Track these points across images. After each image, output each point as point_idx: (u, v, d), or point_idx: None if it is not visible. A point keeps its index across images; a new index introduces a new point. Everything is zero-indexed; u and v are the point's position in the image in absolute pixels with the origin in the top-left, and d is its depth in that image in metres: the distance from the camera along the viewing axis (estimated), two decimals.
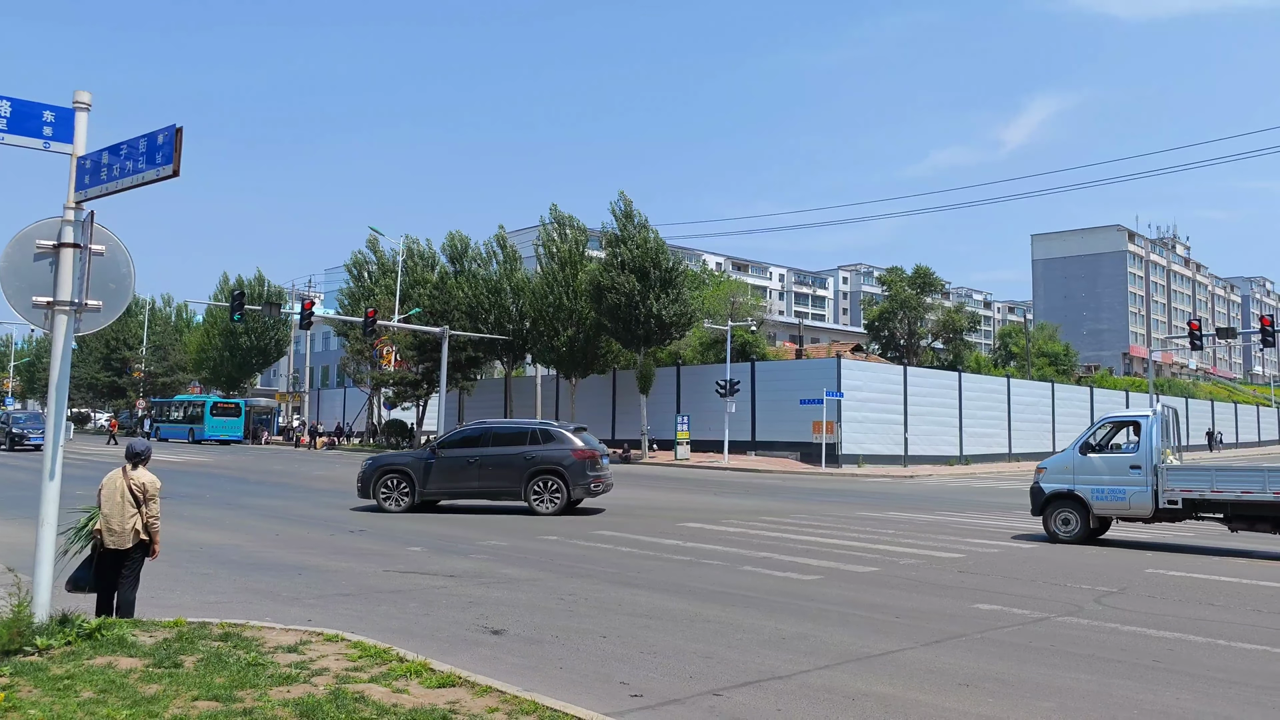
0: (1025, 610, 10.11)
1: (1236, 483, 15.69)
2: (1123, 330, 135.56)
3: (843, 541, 16.19)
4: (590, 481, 19.72)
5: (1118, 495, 16.39)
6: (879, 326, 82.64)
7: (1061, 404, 61.51)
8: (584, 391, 56.09)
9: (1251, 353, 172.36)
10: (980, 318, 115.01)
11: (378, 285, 60.03)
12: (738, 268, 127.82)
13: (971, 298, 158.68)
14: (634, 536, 16.23)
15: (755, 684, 7.02)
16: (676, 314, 48.08)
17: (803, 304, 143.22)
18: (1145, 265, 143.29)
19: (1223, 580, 12.59)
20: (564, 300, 51.27)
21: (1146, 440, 16.42)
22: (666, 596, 10.62)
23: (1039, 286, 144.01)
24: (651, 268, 47.39)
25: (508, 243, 58.05)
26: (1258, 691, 7.05)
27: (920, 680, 7.20)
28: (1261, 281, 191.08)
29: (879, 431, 47.47)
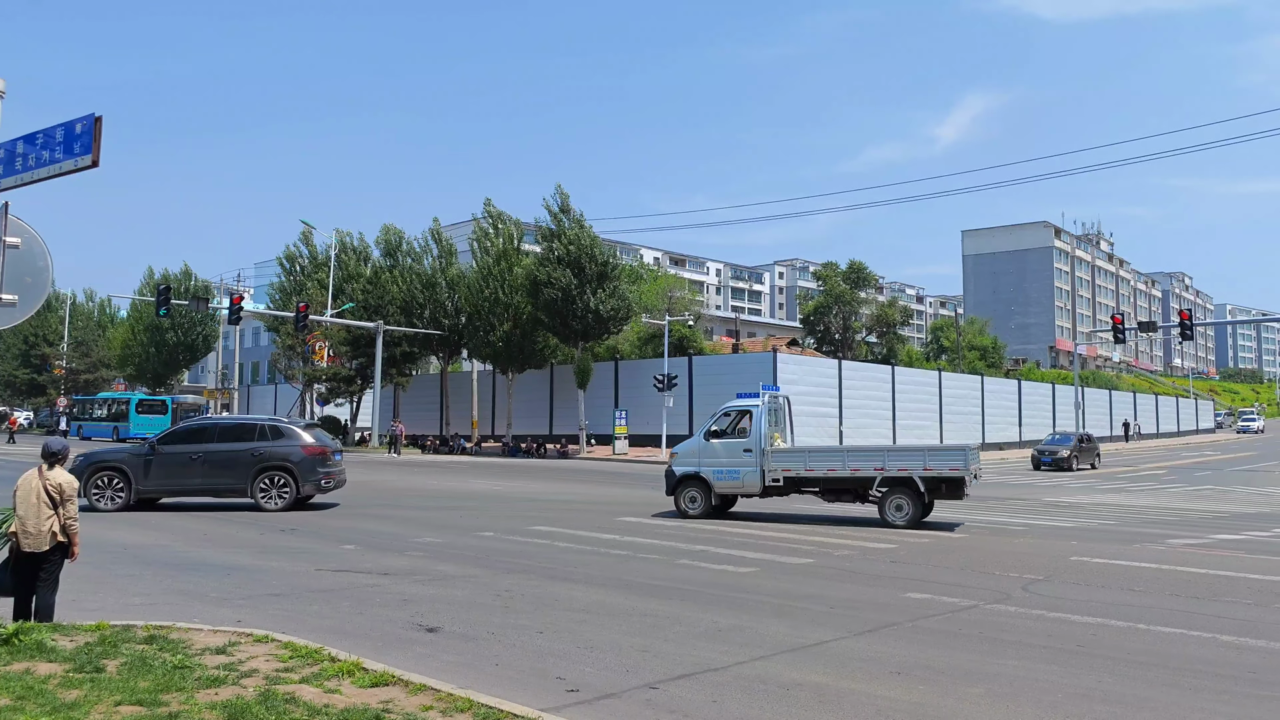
0: (955, 598, 10.31)
1: (824, 461, 18.37)
2: (1049, 324, 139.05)
3: (778, 533, 16.35)
4: (321, 478, 19.51)
5: (734, 475, 18.59)
6: (815, 321, 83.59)
7: (991, 396, 62.86)
8: (521, 386, 55.82)
9: (1171, 346, 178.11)
10: (913, 312, 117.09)
11: (310, 280, 58.95)
12: (675, 262, 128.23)
13: (905, 292, 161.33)
14: (571, 531, 16.20)
15: (691, 676, 7.05)
16: (613, 308, 48.10)
17: (740, 299, 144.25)
18: (1071, 261, 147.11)
19: (1143, 567, 12.98)
20: (500, 295, 50.95)
21: (757, 426, 18.63)
22: (603, 591, 10.61)
23: (969, 281, 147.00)
24: (587, 262, 47.32)
25: (443, 236, 57.49)
26: (1174, 673, 7.28)
27: (853, 669, 7.30)
28: (1181, 277, 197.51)
29: (814, 425, 48.00)
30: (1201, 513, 22.61)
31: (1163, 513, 22.39)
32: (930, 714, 6.19)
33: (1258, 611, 9.86)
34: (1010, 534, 16.91)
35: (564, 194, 49.53)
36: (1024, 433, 64.51)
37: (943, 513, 20.27)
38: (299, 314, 45.39)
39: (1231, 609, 9.97)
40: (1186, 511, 22.86)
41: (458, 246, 58.64)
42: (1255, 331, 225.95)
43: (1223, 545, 15.78)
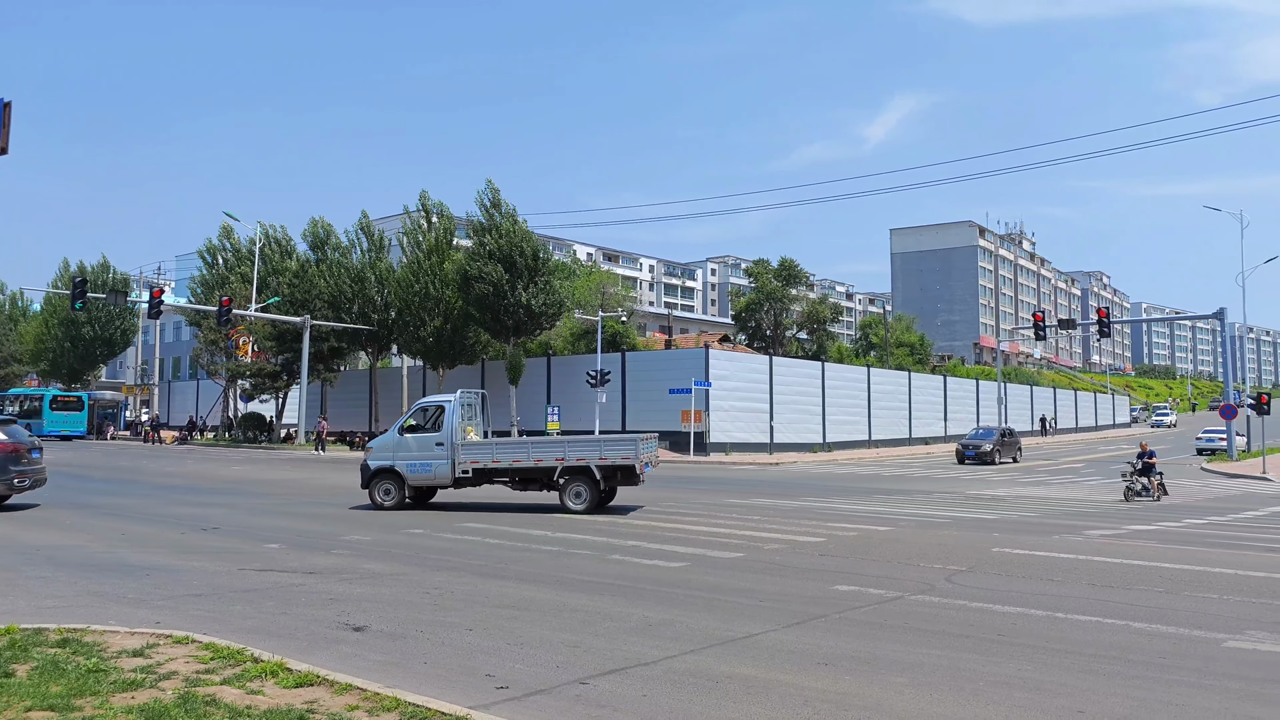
0: (881, 590, 10.49)
1: (510, 453, 19.34)
2: (974, 321, 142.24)
3: (709, 528, 16.46)
4: (13, 477, 18.45)
5: (425, 468, 19.33)
6: (746, 317, 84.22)
7: (918, 392, 64.09)
8: (452, 382, 55.23)
9: (1090, 343, 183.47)
10: (843, 309, 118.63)
11: (233, 273, 57.59)
12: (608, 258, 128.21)
13: (835, 289, 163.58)
14: (502, 528, 16.10)
15: (622, 671, 7.06)
16: (545, 304, 47.92)
17: (672, 295, 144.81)
18: (994, 260, 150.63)
19: (1062, 557, 13.35)
20: (431, 289, 50.39)
21: (449, 421, 19.42)
22: (534, 587, 10.57)
23: (897, 279, 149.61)
24: (519, 257, 47.07)
25: (373, 230, 56.63)
26: (1090, 660, 7.50)
27: (782, 661, 7.38)
28: (1099, 276, 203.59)
29: (746, 420, 48.45)
30: (1117, 504, 23.36)
31: (1081, 504, 23.08)
32: (855, 704, 6.29)
33: (1168, 599, 10.21)
34: (935, 526, 17.26)
35: (495, 189, 49.18)
36: (949, 427, 65.92)
37: (877, 505, 20.60)
38: (222, 308, 44.36)
39: (1144, 597, 10.31)
40: (1103, 503, 23.60)
41: (388, 240, 57.80)
42: (1169, 329, 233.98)
43: (1136, 536, 16.32)
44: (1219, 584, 11.17)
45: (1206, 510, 21.99)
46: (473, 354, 53.60)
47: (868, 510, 20.27)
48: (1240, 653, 7.80)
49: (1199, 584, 11.16)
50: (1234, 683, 6.85)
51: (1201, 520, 19.48)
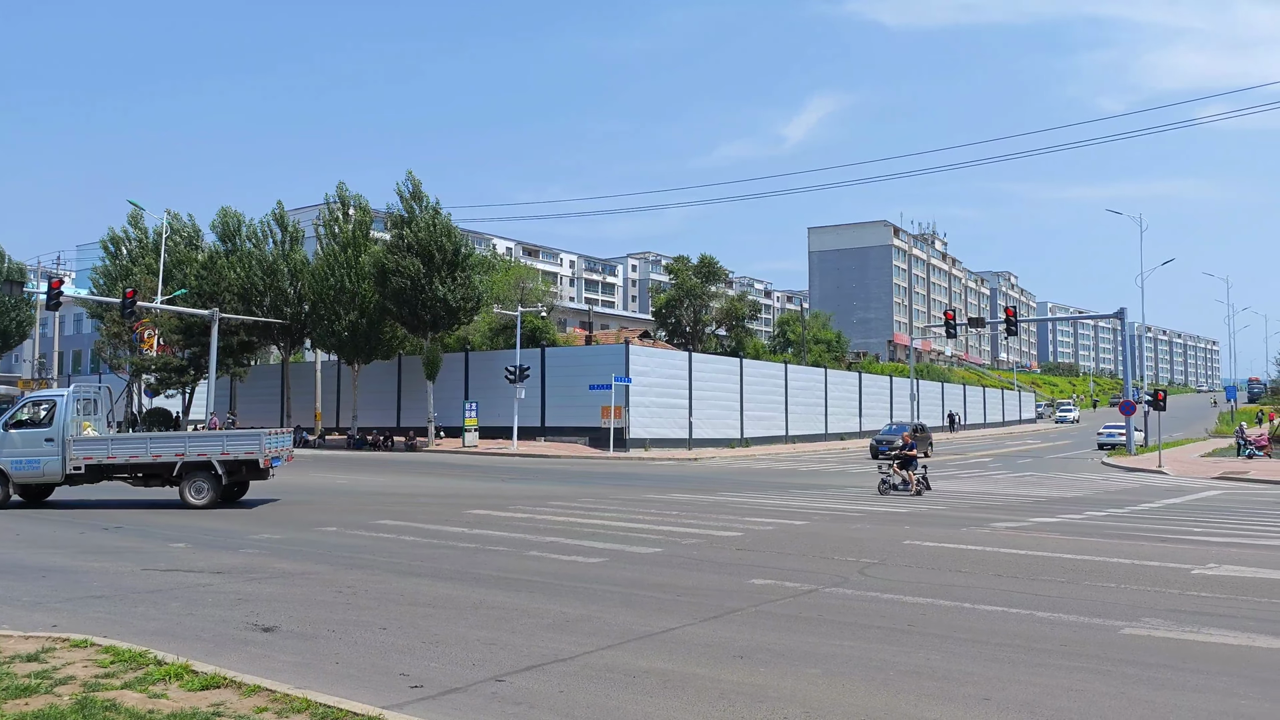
0: (796, 583, 10.64)
1: (126, 449, 18.86)
2: (888, 319, 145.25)
3: (628, 524, 16.49)
4: None
5: (34, 465, 18.63)
6: (666, 314, 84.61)
7: (834, 388, 65.19)
8: (367, 378, 54.36)
9: (998, 341, 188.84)
10: (761, 306, 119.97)
11: (138, 264, 55.59)
12: (528, 253, 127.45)
13: (753, 287, 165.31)
14: (418, 525, 15.89)
15: (538, 668, 7.02)
16: (464, 298, 47.40)
17: (593, 290, 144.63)
18: (908, 259, 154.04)
19: (969, 549, 13.72)
20: (346, 283, 49.45)
21: (60, 417, 18.78)
22: (450, 585, 10.45)
23: (814, 277, 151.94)
24: (438, 251, 46.46)
25: (288, 221, 55.27)
26: (996, 648, 7.72)
27: (699, 655, 7.43)
28: (1007, 276, 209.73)
29: (665, 416, 48.67)
30: (1022, 498, 24.10)
31: (989, 498, 23.75)
32: (770, 695, 6.36)
33: (1069, 589, 10.57)
34: (849, 520, 17.57)
35: (416, 180, 48.40)
36: (864, 423, 67.23)
37: (793, 500, 20.86)
38: (125, 300, 42.79)
39: (1046, 587, 10.65)
40: (1009, 497, 24.32)
41: (304, 232, 56.52)
42: (1073, 328, 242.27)
43: (1040, 528, 16.86)
44: (1117, 573, 11.60)
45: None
46: (389, 349, 52.77)
47: (784, 505, 20.55)
48: (1136, 639, 8.11)
49: (1098, 574, 11.57)
50: (1130, 668, 7.12)
51: (1101, 512, 20.22)
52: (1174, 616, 8.98)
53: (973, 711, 6.05)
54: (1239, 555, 13.40)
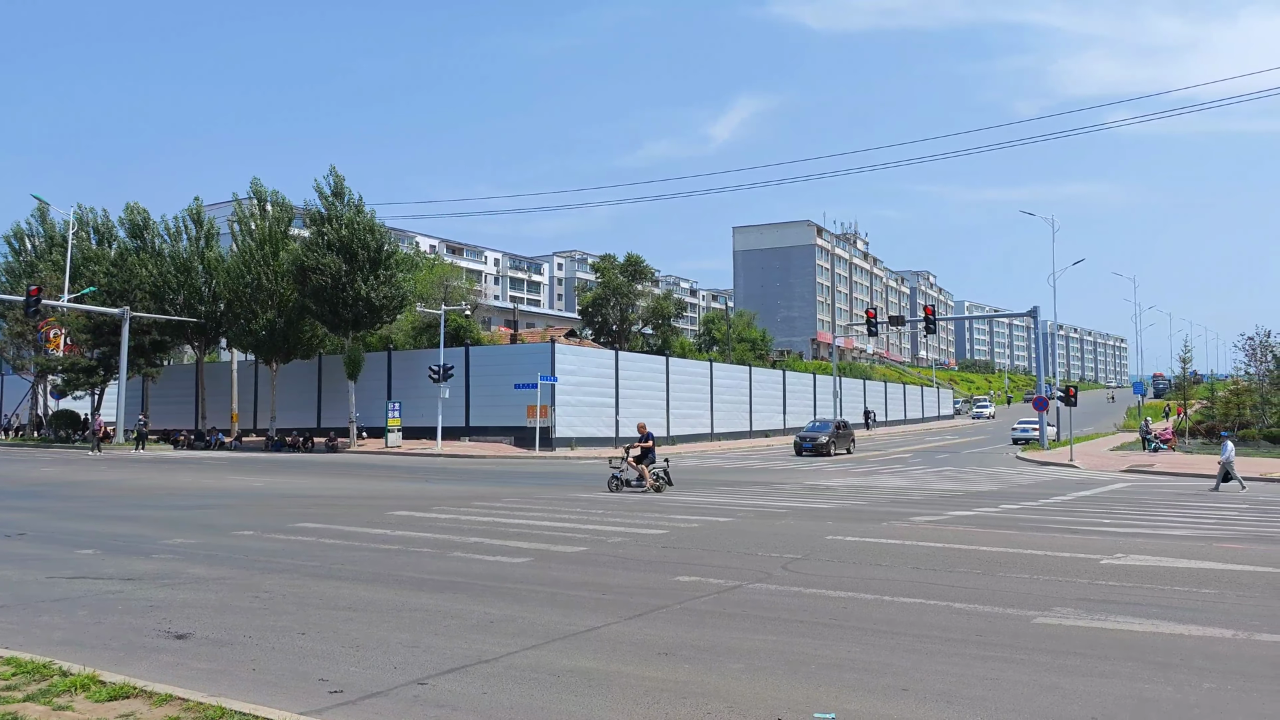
0: (721, 580, 10.72)
1: None
2: (811, 318, 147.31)
3: (554, 523, 16.43)
4: None
5: None
6: (592, 312, 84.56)
7: (758, 386, 65.89)
8: (286, 378, 53.25)
9: (918, 339, 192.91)
10: (687, 305, 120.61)
11: (43, 260, 53.64)
12: (452, 251, 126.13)
13: (679, 285, 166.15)
14: (338, 528, 15.60)
15: (462, 670, 6.95)
16: (387, 297, 46.74)
17: (519, 289, 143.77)
18: (831, 258, 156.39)
19: (890, 543, 13.99)
20: (264, 281, 48.36)
21: None
22: (372, 588, 10.28)
23: (739, 276, 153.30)
24: (360, 249, 45.74)
25: (203, 217, 53.82)
26: (915, 640, 7.88)
27: (624, 653, 7.43)
28: (926, 275, 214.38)
29: (592, 415, 48.64)
30: (941, 492, 24.67)
31: (908, 493, 24.25)
32: (694, 691, 6.39)
33: (985, 580, 10.84)
34: (774, 516, 17.78)
35: (338, 176, 47.58)
36: (788, 420, 68.10)
37: (718, 497, 21.03)
38: (30, 298, 41.25)
39: (963, 579, 10.91)
40: (929, 491, 24.87)
41: (220, 229, 55.10)
42: (989, 326, 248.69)
43: (957, 521, 17.27)
44: (1030, 564, 11.94)
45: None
46: (309, 348, 51.77)
47: (709, 502, 20.69)
48: (1047, 628, 8.35)
49: (1012, 565, 11.90)
50: (1042, 656, 7.33)
51: (1016, 505, 20.79)
52: (1083, 605, 9.28)
53: (892, 702, 6.16)
54: (1144, 545, 13.90)
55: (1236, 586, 10.42)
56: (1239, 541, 14.44)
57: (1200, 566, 11.78)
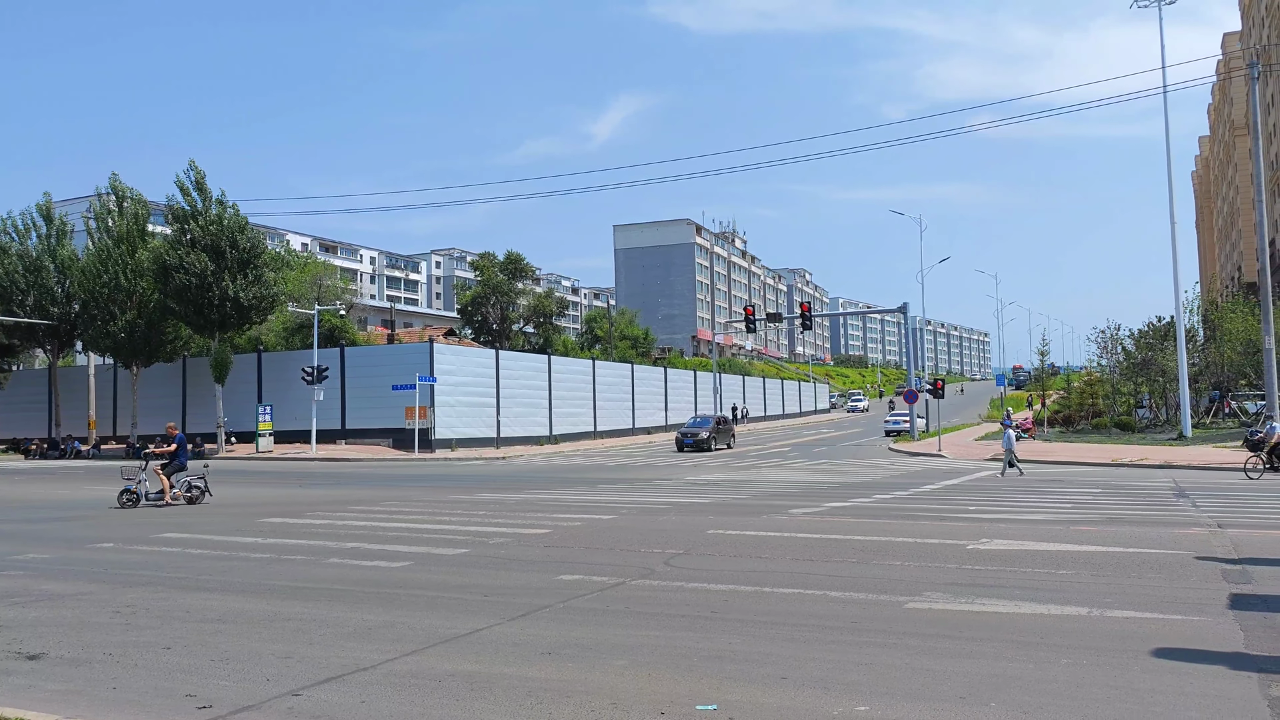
0: (604, 577, 10.73)
1: None
2: (692, 315, 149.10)
3: (434, 525, 16.17)
4: None
5: None
6: (472, 311, 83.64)
7: (640, 383, 66.29)
8: (148, 381, 50.88)
9: (795, 335, 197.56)
10: (569, 303, 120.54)
11: None
12: (326, 249, 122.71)
13: (561, 284, 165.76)
14: (205, 537, 14.98)
15: (339, 679, 6.76)
16: (256, 296, 45.14)
17: (396, 288, 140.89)
18: (710, 256, 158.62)
19: (769, 535, 14.27)
20: (122, 280, 46.06)
21: None
22: (242, 598, 9.90)
23: (620, 274, 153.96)
24: (228, 247, 44.02)
25: (54, 214, 50.88)
26: (794, 629, 8.06)
27: (506, 654, 7.36)
28: (803, 273, 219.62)
29: (472, 415, 48.07)
30: (818, 484, 25.31)
31: (787, 486, 24.80)
32: (578, 690, 6.38)
33: (859, 568, 11.17)
34: (656, 513, 17.91)
35: (199, 171, 45.63)
36: (670, 416, 68.74)
37: (601, 495, 21.05)
38: None
39: (839, 568, 11.22)
40: (806, 484, 25.48)
41: (74, 226, 52.20)
42: (862, 322, 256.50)
43: (834, 512, 17.75)
44: (901, 552, 12.36)
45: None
46: (172, 350, 49.56)
47: (593, 500, 20.71)
48: (918, 612, 8.66)
49: (885, 553, 12.29)
50: (913, 640, 7.59)
51: (888, 495, 21.50)
52: (952, 590, 9.65)
53: (772, 691, 6.28)
54: (1006, 530, 14.56)
55: (1090, 567, 11.01)
56: (1093, 524, 15.27)
57: (1058, 549, 12.41)
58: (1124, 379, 58.18)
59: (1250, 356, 48.94)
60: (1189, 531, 14.16)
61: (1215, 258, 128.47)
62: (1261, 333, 31.15)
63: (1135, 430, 49.22)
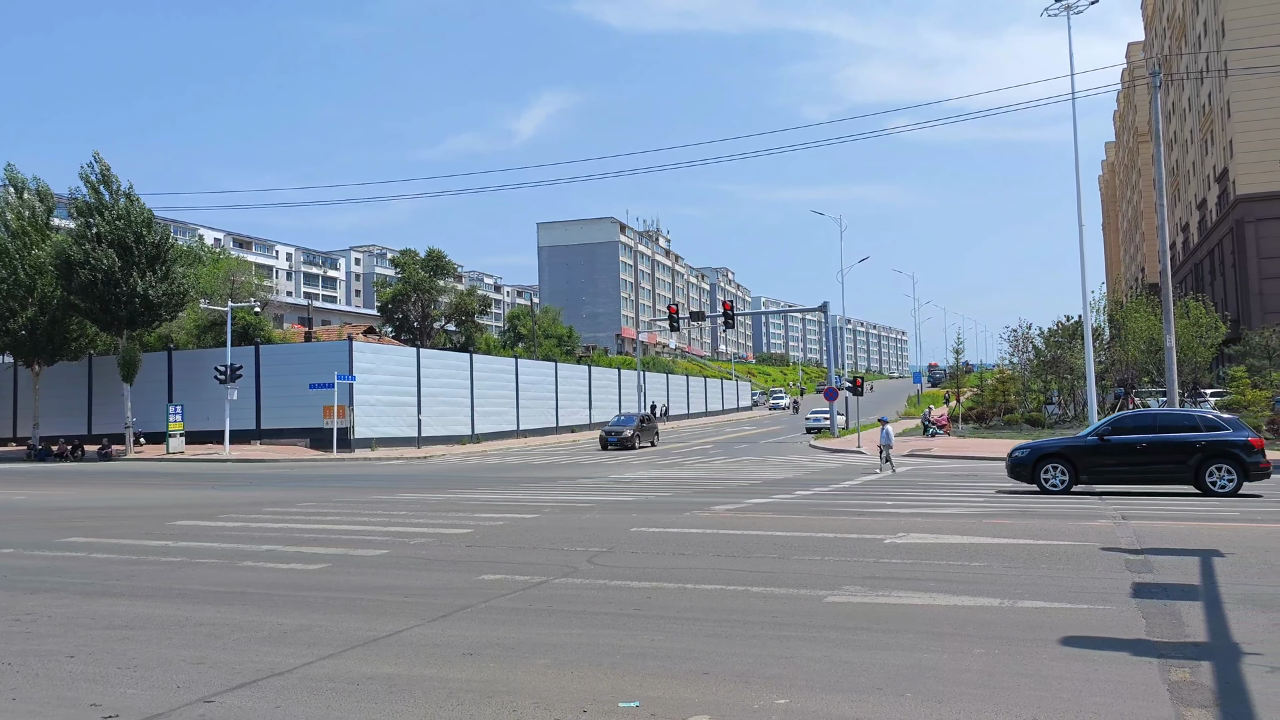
0: (526, 576, 10.67)
1: None
2: (616, 313, 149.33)
3: (353, 526, 15.90)
4: None
5: None
6: (393, 309, 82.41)
7: (565, 382, 66.12)
8: (52, 380, 49.03)
9: (717, 333, 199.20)
10: (491, 301, 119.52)
11: None
12: (240, 245, 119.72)
13: (484, 281, 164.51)
14: (113, 541, 14.48)
15: (253, 684, 6.59)
16: (166, 293, 43.81)
17: (313, 285, 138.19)
18: (634, 255, 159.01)
19: (692, 532, 14.35)
20: (21, 275, 44.26)
21: None
22: (152, 603, 9.59)
23: (544, 272, 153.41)
24: (135, 242, 42.59)
25: None
26: (715, 625, 8.12)
27: (427, 656, 7.27)
28: (725, 272, 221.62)
29: (393, 414, 47.39)
30: (741, 481, 25.56)
31: (710, 482, 24.98)
32: (499, 690, 6.33)
33: (780, 564, 11.30)
34: (579, 511, 17.88)
35: (104, 163, 44.07)
36: (594, 415, 68.72)
37: (525, 494, 20.92)
38: None
39: (760, 564, 11.34)
40: (729, 480, 25.71)
41: None
42: (784, 320, 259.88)
43: (756, 509, 17.94)
44: (821, 547, 12.55)
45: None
46: (77, 348, 47.80)
47: (516, 499, 20.58)
48: (837, 606, 8.80)
49: (805, 548, 12.46)
50: (832, 633, 7.71)
51: (809, 491, 21.81)
52: (869, 583, 9.83)
53: (693, 686, 6.31)
54: (923, 524, 14.89)
55: (1003, 559, 11.32)
56: (1005, 517, 15.71)
57: (971, 541, 12.73)
58: (1034, 376, 59.93)
59: (1153, 354, 50.88)
60: (1095, 524, 14.66)
61: (1121, 259, 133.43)
62: (1163, 332, 32.42)
63: (1045, 425, 50.74)
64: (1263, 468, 19.09)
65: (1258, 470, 19.05)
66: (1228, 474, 19.01)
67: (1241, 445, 19.12)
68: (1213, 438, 19.29)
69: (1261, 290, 64.42)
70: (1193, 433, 19.56)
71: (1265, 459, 19.27)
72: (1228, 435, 19.34)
